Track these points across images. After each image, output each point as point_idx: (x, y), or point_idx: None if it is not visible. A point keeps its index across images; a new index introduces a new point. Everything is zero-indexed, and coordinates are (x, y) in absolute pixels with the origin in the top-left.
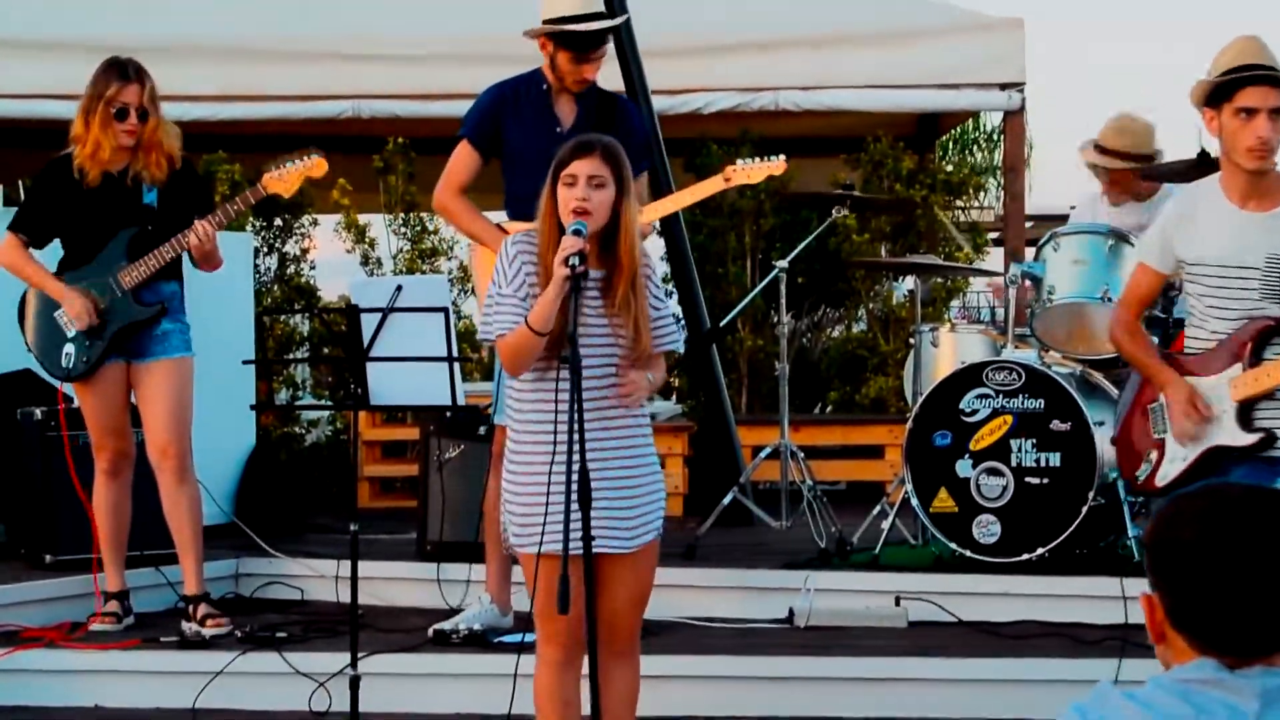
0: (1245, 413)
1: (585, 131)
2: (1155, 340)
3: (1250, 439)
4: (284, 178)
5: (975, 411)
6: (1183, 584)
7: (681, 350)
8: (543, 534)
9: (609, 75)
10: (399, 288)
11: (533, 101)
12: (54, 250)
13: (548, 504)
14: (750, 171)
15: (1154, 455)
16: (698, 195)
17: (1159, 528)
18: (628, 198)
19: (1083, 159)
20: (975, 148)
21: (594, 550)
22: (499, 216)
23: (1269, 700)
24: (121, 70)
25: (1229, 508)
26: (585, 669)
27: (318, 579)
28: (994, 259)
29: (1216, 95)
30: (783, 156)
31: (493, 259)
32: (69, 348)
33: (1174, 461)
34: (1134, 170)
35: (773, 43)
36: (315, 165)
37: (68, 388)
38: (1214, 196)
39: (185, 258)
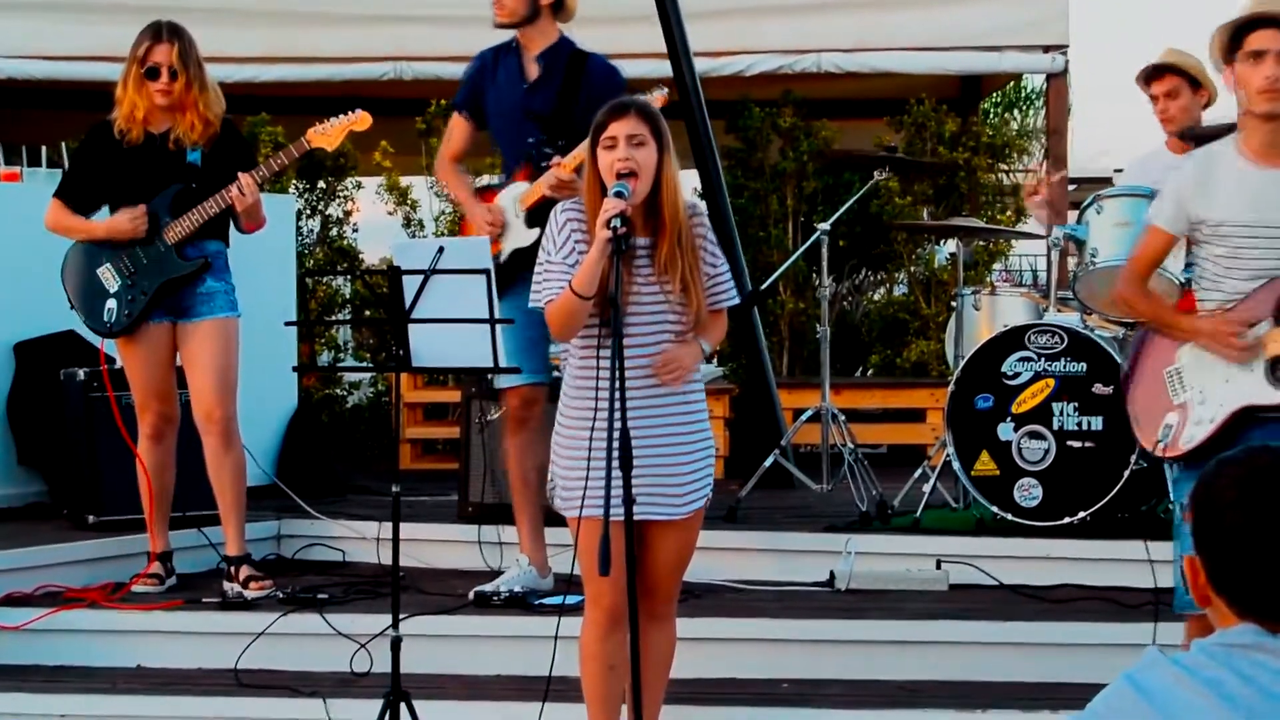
0: (1273, 370)
1: (550, 85)
2: None
3: None
4: (327, 132)
5: (1017, 375)
6: (1221, 548)
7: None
8: (583, 497)
9: (653, 38)
10: (441, 249)
11: (506, 63)
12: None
13: (589, 467)
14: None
15: (1174, 419)
16: None
17: (1200, 491)
18: (668, 155)
19: (1151, 91)
20: (1016, 110)
21: (645, 517)
22: None
23: None
24: (155, 30)
25: (1266, 473)
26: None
27: (359, 540)
28: (1036, 222)
29: (1230, 48)
30: (665, 90)
31: (473, 229)
32: (110, 303)
33: (1201, 424)
34: (1188, 89)
35: (815, 4)
36: (359, 119)
37: (110, 347)
38: (1230, 156)
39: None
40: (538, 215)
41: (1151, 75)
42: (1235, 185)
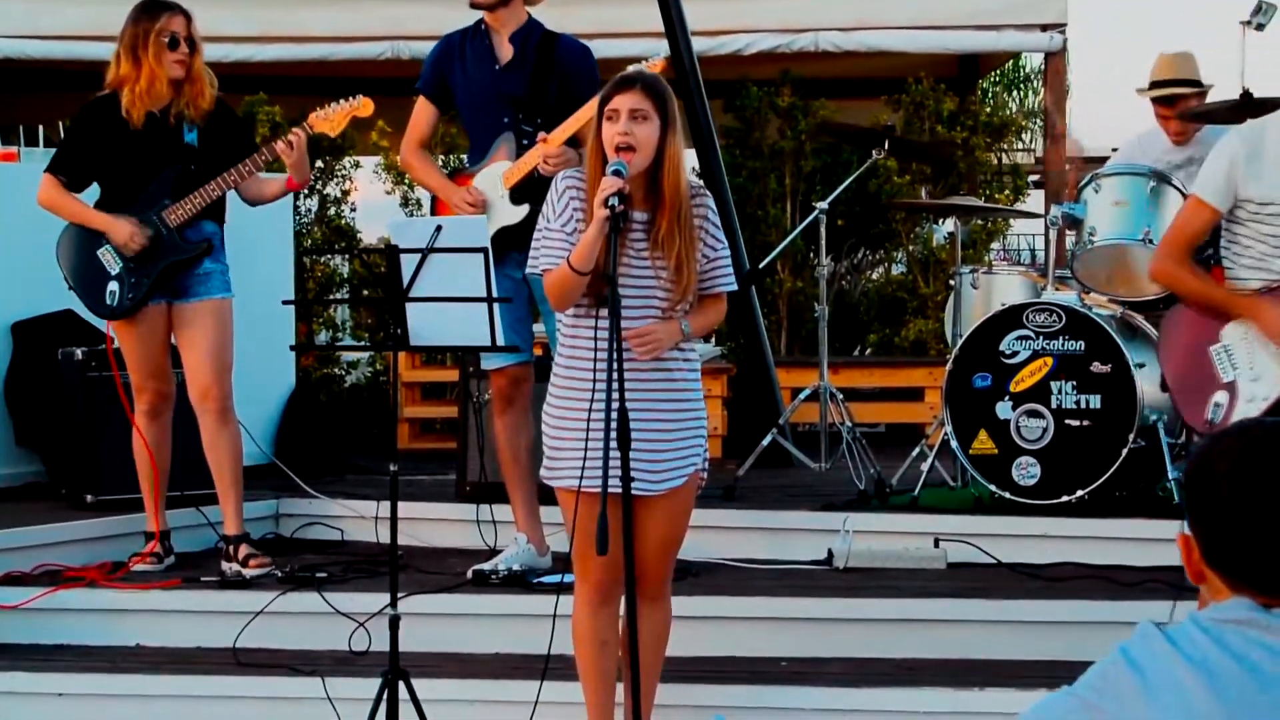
0: None
1: (523, 67)
2: None
3: None
4: (330, 118)
5: (1015, 353)
6: (1215, 521)
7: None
8: (583, 473)
9: (651, 17)
10: (438, 228)
11: (474, 45)
12: (91, 195)
13: (587, 443)
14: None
15: (1224, 398)
16: (580, 121)
17: (1193, 465)
18: (673, 132)
19: (1148, 98)
20: (1014, 90)
21: (616, 490)
22: None
23: None
24: (163, 3)
25: (1261, 444)
26: (622, 609)
27: (357, 519)
28: (1034, 201)
29: None
30: (662, 55)
31: (450, 213)
32: (113, 285)
33: (1253, 402)
34: (1195, 96)
35: None
36: (361, 105)
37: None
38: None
39: (228, 198)
40: (524, 192)
41: (1161, 100)
42: None
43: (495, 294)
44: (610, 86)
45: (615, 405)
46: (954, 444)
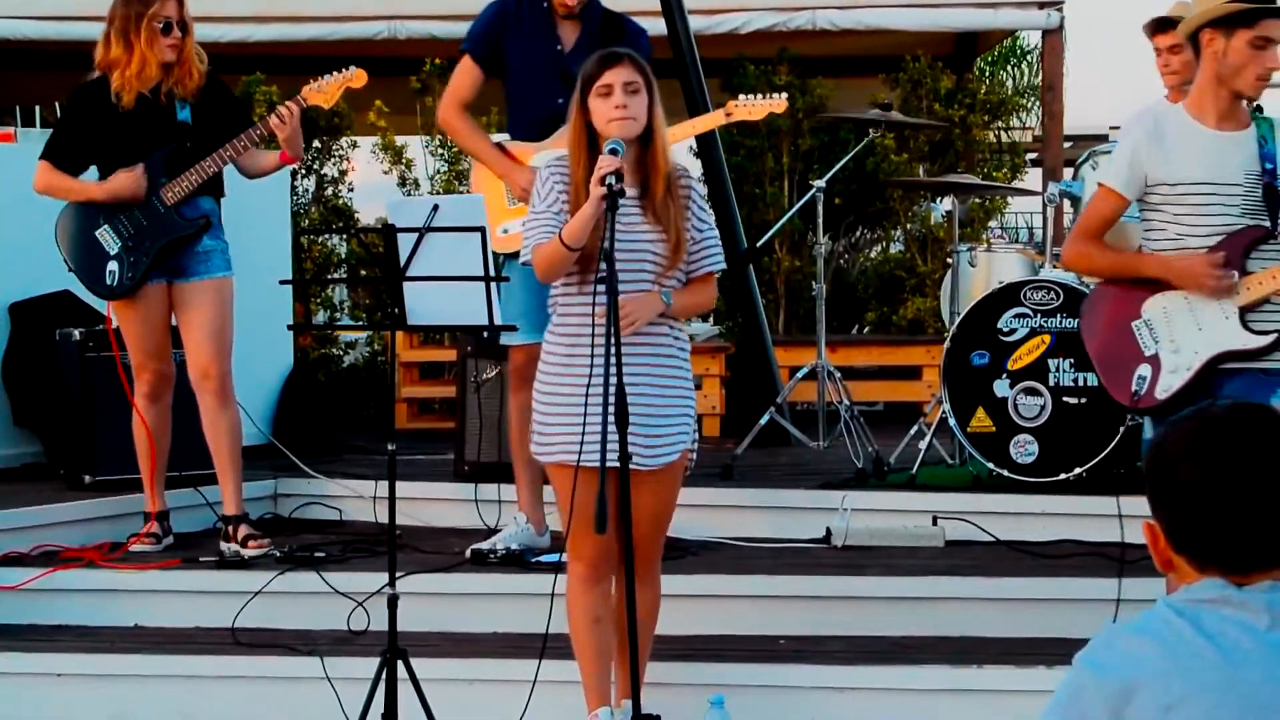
0: (1245, 317)
1: (589, 53)
2: None
3: (1260, 341)
4: (323, 89)
5: (1013, 331)
6: (1179, 506)
7: (724, 269)
8: (581, 449)
9: None
10: (435, 207)
11: (535, 19)
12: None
13: (585, 419)
14: (751, 108)
15: (1146, 371)
16: (697, 129)
17: (1153, 454)
18: (657, 105)
19: (1155, 43)
20: (1010, 67)
21: (613, 466)
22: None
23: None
24: None
25: (1217, 425)
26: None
27: (356, 499)
28: (1032, 179)
29: (1232, 20)
30: (784, 95)
31: (492, 177)
32: (112, 265)
33: (1176, 373)
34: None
35: None
36: (355, 76)
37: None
38: (1180, 120)
39: (226, 174)
40: None
41: (1158, 27)
42: (1193, 147)
43: (521, 274)
44: (596, 64)
45: (611, 383)
46: (952, 422)
